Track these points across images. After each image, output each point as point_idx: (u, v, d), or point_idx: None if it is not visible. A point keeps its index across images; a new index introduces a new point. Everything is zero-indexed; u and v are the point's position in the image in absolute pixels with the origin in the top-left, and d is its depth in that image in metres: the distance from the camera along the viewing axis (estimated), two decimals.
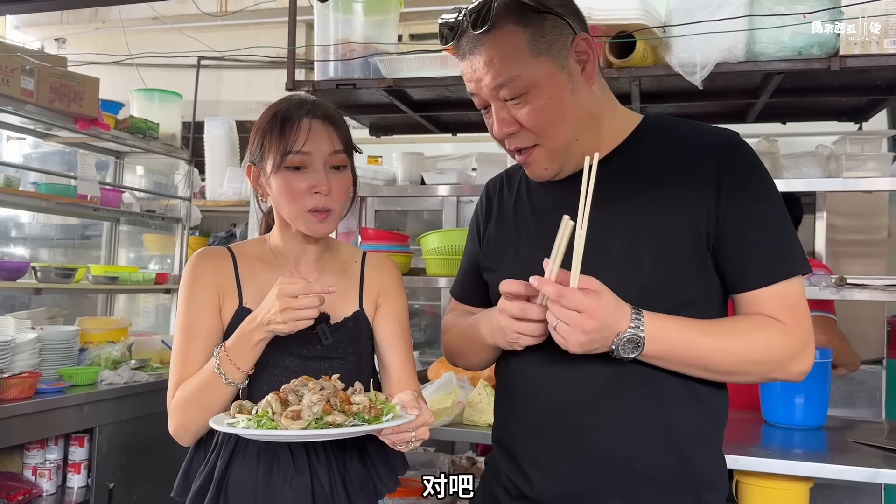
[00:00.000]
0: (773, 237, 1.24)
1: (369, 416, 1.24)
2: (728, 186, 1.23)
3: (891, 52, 2.20)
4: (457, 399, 2.35)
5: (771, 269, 1.23)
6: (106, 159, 4.34)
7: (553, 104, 1.24)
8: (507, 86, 1.23)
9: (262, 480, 1.40)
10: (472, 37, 1.24)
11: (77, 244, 4.67)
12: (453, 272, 2.67)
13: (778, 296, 1.23)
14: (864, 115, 3.07)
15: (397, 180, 3.29)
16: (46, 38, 6.53)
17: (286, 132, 1.41)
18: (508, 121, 1.26)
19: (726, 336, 1.22)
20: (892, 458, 2.05)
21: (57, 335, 3.14)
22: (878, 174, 2.49)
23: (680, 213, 1.24)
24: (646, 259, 1.23)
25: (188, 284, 1.50)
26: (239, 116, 5.50)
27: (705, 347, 1.20)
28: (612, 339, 1.16)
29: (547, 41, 1.22)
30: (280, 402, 1.25)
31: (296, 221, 1.47)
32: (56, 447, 3.04)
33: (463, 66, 1.29)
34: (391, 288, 1.60)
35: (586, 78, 1.26)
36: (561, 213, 1.21)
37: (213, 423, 1.27)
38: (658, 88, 2.65)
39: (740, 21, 2.23)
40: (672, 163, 1.27)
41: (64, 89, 3.22)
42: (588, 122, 1.28)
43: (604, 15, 2.27)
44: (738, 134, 1.29)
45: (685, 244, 1.23)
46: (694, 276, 1.24)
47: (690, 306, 1.23)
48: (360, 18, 2.72)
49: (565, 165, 1.31)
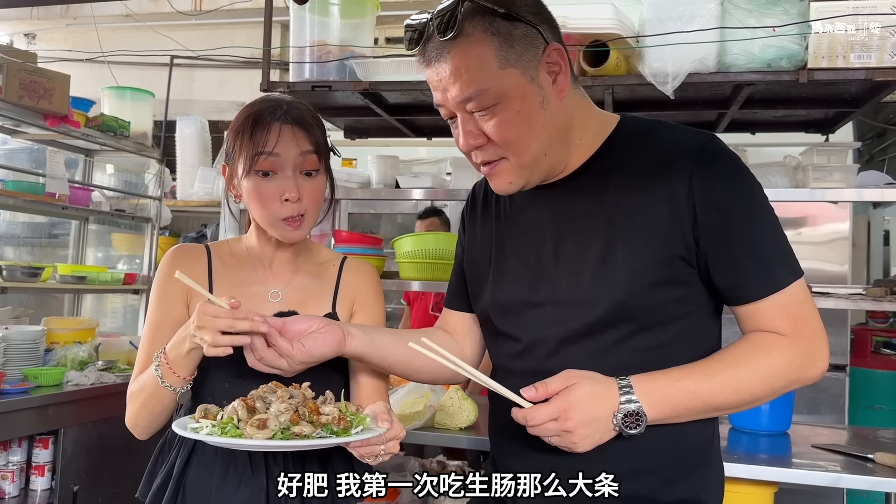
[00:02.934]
0: (760, 247, 1.18)
1: (338, 427, 1.20)
2: (703, 201, 1.17)
3: (857, 66, 2.26)
4: (428, 403, 2.35)
5: (762, 281, 1.18)
6: (75, 157, 4.28)
7: (522, 117, 1.18)
8: (475, 99, 1.17)
9: (219, 479, 1.39)
10: (438, 43, 1.17)
11: (44, 243, 4.59)
12: (427, 276, 2.68)
13: (776, 306, 1.18)
14: (830, 128, 3.14)
15: (372, 183, 3.29)
16: (16, 34, 6.43)
17: (256, 135, 1.39)
18: (475, 133, 1.20)
19: (727, 372, 1.18)
20: (855, 463, 2.09)
21: (22, 335, 3.08)
22: (844, 185, 2.55)
23: (655, 230, 1.19)
24: (620, 278, 1.19)
25: (160, 280, 1.50)
26: (211, 116, 5.46)
27: (709, 391, 1.17)
28: (610, 422, 1.14)
29: (517, 51, 1.16)
30: (246, 409, 1.21)
31: (268, 228, 1.45)
32: (19, 449, 2.98)
33: (428, 72, 1.22)
34: (369, 295, 1.58)
35: (557, 91, 1.20)
36: (544, 227, 1.23)
37: (176, 428, 1.24)
38: (630, 97, 2.68)
39: (712, 33, 2.28)
40: (645, 177, 1.21)
41: (34, 85, 3.17)
42: (558, 137, 1.23)
43: (578, 23, 2.30)
44: (713, 137, 1.23)
45: (661, 261, 1.19)
46: (673, 293, 1.20)
47: (672, 325, 1.21)
48: (337, 21, 2.72)
49: (531, 179, 1.25)
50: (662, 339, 1.21)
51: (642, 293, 1.19)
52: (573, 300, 1.23)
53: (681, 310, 1.22)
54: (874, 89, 2.46)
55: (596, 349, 1.22)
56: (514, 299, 1.31)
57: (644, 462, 1.22)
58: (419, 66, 1.25)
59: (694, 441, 1.26)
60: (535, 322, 1.27)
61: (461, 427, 2.40)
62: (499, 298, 1.34)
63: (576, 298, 1.22)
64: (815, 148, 2.75)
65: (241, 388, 1.38)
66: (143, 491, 1.48)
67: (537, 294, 1.27)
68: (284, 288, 1.52)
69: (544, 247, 1.28)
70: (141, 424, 1.43)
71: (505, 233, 1.37)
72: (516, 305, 1.30)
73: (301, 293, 1.52)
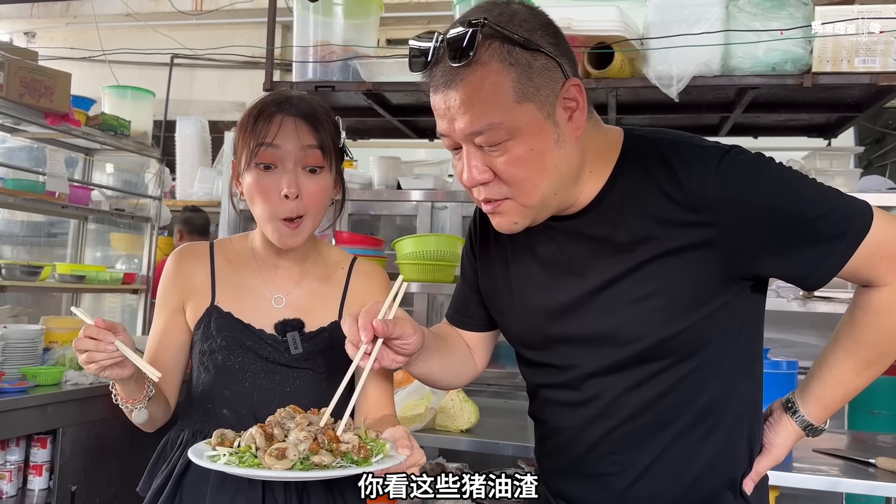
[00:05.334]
0: (815, 228, 1.11)
1: (358, 456, 1.16)
2: (738, 222, 1.11)
3: (861, 70, 2.26)
4: (429, 405, 2.35)
5: (834, 255, 1.11)
6: (75, 156, 4.28)
7: (535, 156, 1.09)
8: (486, 133, 1.08)
9: (214, 488, 1.36)
10: (449, 69, 1.08)
11: (43, 242, 4.59)
12: (427, 277, 2.67)
13: (863, 259, 1.11)
14: (832, 132, 3.14)
15: (373, 184, 3.29)
16: (15, 32, 6.43)
17: (258, 126, 1.34)
18: (481, 168, 1.11)
19: (849, 358, 1.21)
20: (854, 467, 2.10)
21: (20, 334, 3.06)
22: (846, 189, 2.52)
23: (686, 262, 1.13)
24: (657, 314, 1.15)
25: (160, 287, 1.49)
26: (211, 116, 5.46)
27: (854, 388, 1.23)
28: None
29: (535, 85, 1.07)
30: (264, 437, 1.17)
31: (266, 229, 1.39)
32: (17, 448, 2.96)
33: (434, 98, 1.13)
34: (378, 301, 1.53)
35: (574, 128, 1.12)
36: (566, 263, 1.21)
37: (192, 455, 1.17)
38: (634, 100, 2.68)
39: (716, 36, 2.28)
40: (663, 205, 1.14)
41: (34, 84, 3.17)
42: (570, 176, 1.14)
43: (583, 26, 2.29)
44: (724, 152, 1.14)
45: (697, 293, 1.14)
46: (711, 317, 1.15)
47: (714, 340, 1.17)
48: (340, 21, 2.72)
49: (538, 218, 1.17)
50: (706, 354, 1.18)
51: (680, 330, 1.15)
52: (606, 338, 1.19)
53: (721, 321, 1.17)
54: (878, 94, 2.46)
55: (637, 379, 1.19)
56: (543, 336, 1.27)
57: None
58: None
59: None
60: (570, 356, 1.24)
61: (462, 429, 2.40)
62: (528, 335, 1.30)
63: (609, 337, 1.19)
64: (818, 152, 2.76)
65: (238, 395, 1.39)
66: (144, 487, 1.46)
67: (567, 331, 1.23)
68: (290, 292, 1.47)
69: (570, 283, 1.22)
70: (141, 426, 1.41)
71: (522, 266, 1.30)
72: (544, 342, 1.27)
73: (307, 298, 1.47)
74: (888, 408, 3.89)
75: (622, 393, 1.19)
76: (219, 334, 1.42)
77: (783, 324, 3.38)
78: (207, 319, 1.43)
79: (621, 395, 1.19)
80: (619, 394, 1.19)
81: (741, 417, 1.23)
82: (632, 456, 1.21)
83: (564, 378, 1.25)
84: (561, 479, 1.31)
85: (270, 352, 1.42)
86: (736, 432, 1.23)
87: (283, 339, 1.42)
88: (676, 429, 1.19)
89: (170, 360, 1.45)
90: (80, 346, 1.19)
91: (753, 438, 1.27)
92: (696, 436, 1.20)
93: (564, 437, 1.28)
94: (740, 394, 1.23)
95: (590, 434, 1.23)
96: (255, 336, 1.42)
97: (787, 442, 1.27)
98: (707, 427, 1.20)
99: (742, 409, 1.23)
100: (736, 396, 1.22)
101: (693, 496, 1.21)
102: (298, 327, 1.44)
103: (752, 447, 1.26)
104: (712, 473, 1.21)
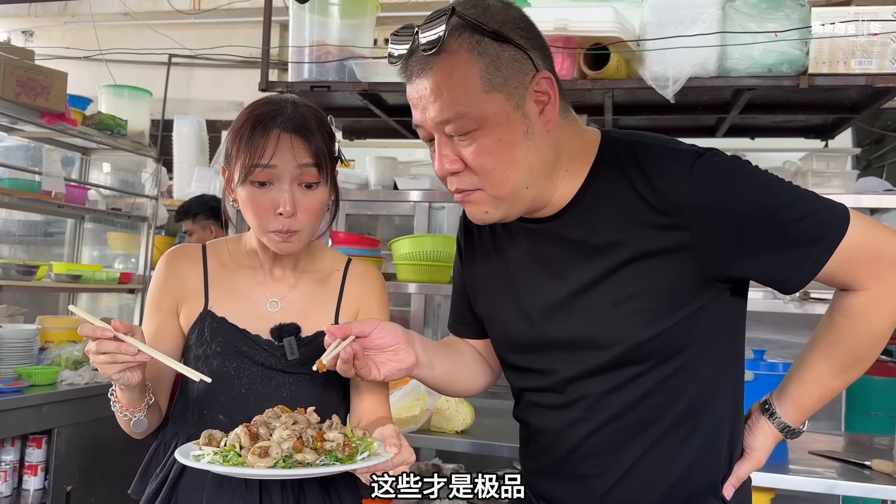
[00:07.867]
0: (792, 232, 1.11)
1: (342, 454, 1.17)
2: (712, 224, 1.11)
3: (857, 71, 2.26)
4: (425, 406, 2.34)
5: (809, 260, 1.12)
6: (72, 155, 4.27)
7: (503, 146, 1.10)
8: (454, 121, 1.10)
9: (211, 492, 1.35)
10: (421, 58, 1.11)
11: (39, 241, 4.58)
12: (424, 278, 2.67)
13: (841, 264, 1.12)
14: (829, 133, 3.14)
15: (370, 185, 3.28)
16: (13, 31, 6.41)
17: (255, 142, 1.32)
18: (451, 158, 1.13)
19: (827, 361, 1.22)
20: (851, 470, 2.09)
21: (16, 333, 3.07)
22: (843, 191, 2.55)
23: (662, 266, 1.14)
24: (633, 318, 1.15)
25: (151, 289, 1.47)
26: (209, 115, 5.45)
27: (831, 390, 1.26)
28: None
29: (503, 75, 1.09)
30: (249, 436, 1.18)
31: (261, 237, 1.39)
32: (12, 448, 2.96)
33: (409, 89, 1.15)
34: (373, 303, 1.51)
35: (544, 122, 1.13)
36: (545, 266, 1.21)
37: (179, 456, 1.19)
38: (630, 101, 2.68)
39: (713, 37, 2.27)
40: (639, 209, 1.14)
41: (31, 83, 3.16)
42: (542, 170, 1.15)
43: (579, 27, 2.28)
44: (698, 155, 1.14)
45: (673, 298, 1.15)
46: (689, 320, 1.16)
47: (693, 343, 1.18)
48: (336, 21, 2.71)
49: (511, 212, 1.18)
50: (685, 357, 1.18)
51: (658, 332, 1.15)
52: (586, 342, 1.20)
53: (700, 324, 1.17)
54: (874, 95, 2.45)
55: (617, 382, 1.19)
56: (524, 340, 1.28)
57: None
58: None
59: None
60: (552, 360, 1.25)
61: (457, 430, 2.39)
62: (511, 339, 1.31)
63: (589, 341, 1.19)
64: (815, 154, 2.76)
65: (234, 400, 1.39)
66: (136, 490, 1.45)
67: (547, 335, 1.24)
68: (285, 296, 1.46)
69: (549, 287, 1.23)
70: (131, 432, 1.40)
71: (504, 269, 1.31)
72: (526, 346, 1.28)
73: (302, 302, 1.46)
74: (885, 409, 3.88)
75: (603, 395, 1.20)
76: (213, 339, 1.41)
77: (779, 325, 3.38)
78: (201, 324, 1.42)
79: (602, 398, 1.20)
80: (599, 396, 1.20)
81: (722, 420, 1.24)
82: (612, 458, 1.21)
83: (547, 382, 1.26)
84: (543, 481, 1.31)
85: (266, 357, 1.41)
86: (717, 435, 1.23)
87: (279, 344, 1.41)
88: (657, 431, 1.19)
89: (162, 364, 1.43)
90: (103, 349, 1.17)
91: (734, 441, 1.27)
92: (677, 438, 1.20)
93: (547, 440, 1.29)
94: (721, 396, 1.23)
95: (571, 436, 1.24)
96: (251, 342, 1.41)
97: (765, 444, 1.28)
98: (687, 430, 1.20)
99: (722, 411, 1.23)
100: (716, 399, 1.22)
101: (674, 499, 1.21)
102: (295, 332, 1.43)
103: (732, 450, 1.27)
104: (693, 476, 1.21)
